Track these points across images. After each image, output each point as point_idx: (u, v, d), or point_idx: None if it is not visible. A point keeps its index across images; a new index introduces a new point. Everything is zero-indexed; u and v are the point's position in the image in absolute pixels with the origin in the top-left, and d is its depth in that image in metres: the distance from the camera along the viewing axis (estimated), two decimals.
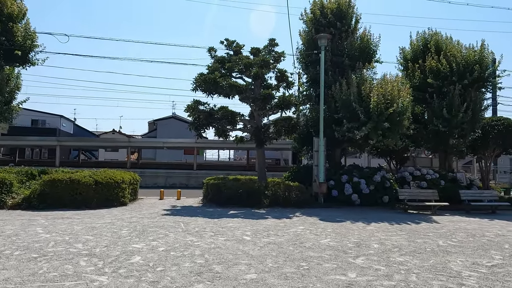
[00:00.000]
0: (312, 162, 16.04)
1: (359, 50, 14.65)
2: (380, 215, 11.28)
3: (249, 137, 14.68)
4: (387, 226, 9.05)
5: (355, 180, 13.06)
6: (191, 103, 13.18)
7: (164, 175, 23.50)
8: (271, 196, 12.36)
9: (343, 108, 12.91)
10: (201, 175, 23.94)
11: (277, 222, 9.33)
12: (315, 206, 12.74)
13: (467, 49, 15.18)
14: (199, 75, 13.11)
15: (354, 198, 12.89)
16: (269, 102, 12.87)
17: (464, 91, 14.79)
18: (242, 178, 15.50)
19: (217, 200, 12.40)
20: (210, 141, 28.06)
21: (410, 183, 14.09)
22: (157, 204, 13.06)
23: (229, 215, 10.31)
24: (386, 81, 12.65)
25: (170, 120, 51.46)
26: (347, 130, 12.50)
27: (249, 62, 13.16)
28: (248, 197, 12.18)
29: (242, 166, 30.33)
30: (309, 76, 15.02)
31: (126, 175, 13.17)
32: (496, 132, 15.87)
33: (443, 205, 12.28)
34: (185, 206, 12.42)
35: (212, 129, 14.37)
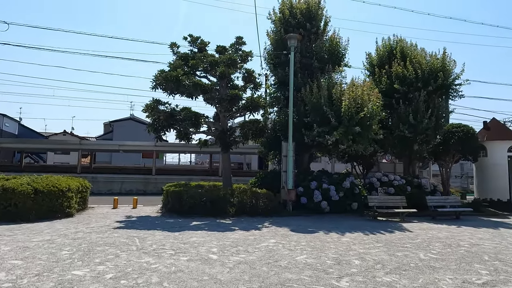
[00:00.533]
0: (279, 167, 15.42)
1: (328, 53, 14.30)
2: (351, 223, 10.83)
3: (214, 140, 13.72)
4: (362, 237, 8.53)
5: (325, 187, 12.58)
6: (150, 102, 11.97)
7: (120, 180, 21.75)
8: (237, 204, 11.50)
9: (313, 112, 12.40)
10: (161, 180, 22.47)
11: (246, 234, 8.47)
12: (283, 214, 12.06)
13: (430, 57, 15.41)
14: (159, 72, 11.96)
15: (323, 206, 12.38)
16: (236, 104, 12.03)
17: (428, 98, 14.96)
18: (206, 184, 14.50)
19: (178, 210, 11.30)
20: (171, 144, 26.60)
21: (378, 189, 13.90)
22: (109, 214, 11.67)
23: (191, 227, 9.28)
24: (356, 86, 12.33)
25: (128, 122, 48.89)
26: (317, 135, 11.99)
27: (215, 60, 12.24)
28: (212, 206, 11.22)
29: (205, 170, 29.16)
30: (277, 78, 14.40)
31: (73, 181, 11.65)
32: (457, 138, 16.27)
33: (411, 212, 12.13)
34: (142, 217, 11.18)
35: (173, 132, 13.24)
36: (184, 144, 25.94)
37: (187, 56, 12.78)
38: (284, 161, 13.01)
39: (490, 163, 16.84)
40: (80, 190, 11.99)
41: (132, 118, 50.71)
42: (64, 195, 10.44)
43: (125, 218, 10.86)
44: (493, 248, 7.72)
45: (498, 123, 17.54)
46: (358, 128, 11.29)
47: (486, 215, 14.50)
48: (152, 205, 14.88)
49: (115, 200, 13.87)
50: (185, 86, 12.17)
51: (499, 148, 16.68)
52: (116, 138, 42.43)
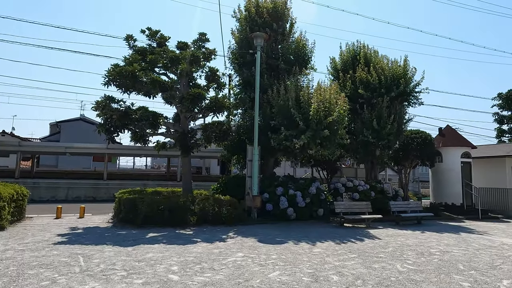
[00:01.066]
0: (243, 172, 14.72)
1: (295, 55, 13.93)
2: (319, 231, 10.39)
3: (173, 143, 12.68)
4: (334, 247, 8.06)
5: (291, 193, 12.07)
6: (101, 99, 10.68)
7: (65, 186, 19.70)
8: (198, 212, 10.59)
9: (280, 114, 11.88)
10: (113, 186, 20.74)
11: (210, 247, 7.63)
12: (248, 222, 11.35)
13: (392, 64, 15.65)
14: (113, 66, 10.75)
15: (289, 213, 11.86)
16: (199, 103, 11.14)
17: (390, 104, 15.12)
18: (163, 190, 13.42)
19: (132, 219, 10.14)
20: (125, 146, 24.81)
21: (343, 195, 13.70)
22: (50, 225, 10.20)
23: (147, 240, 8.24)
24: (324, 89, 12.02)
25: (78, 123, 45.59)
26: (284, 138, 11.46)
27: (176, 56, 11.27)
28: (171, 215, 10.22)
29: (162, 175, 27.60)
30: (242, 78, 13.74)
31: (6, 188, 10.04)
32: (416, 144, 16.66)
33: (377, 218, 11.99)
34: (89, 228, 9.87)
35: (128, 133, 12.02)
36: (139, 146, 24.27)
37: (145, 51, 11.68)
38: (249, 166, 12.33)
39: (444, 168, 17.45)
40: (14, 198, 10.38)
41: (82, 118, 47.38)
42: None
43: (69, 230, 9.50)
44: (463, 255, 7.61)
45: (452, 130, 18.29)
46: (327, 132, 10.94)
47: (444, 219, 14.89)
48: (102, 213, 13.46)
49: (58, 209, 12.30)
50: (142, 83, 11.07)
51: (453, 154, 17.35)
52: (64, 140, 39.25)
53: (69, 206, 16.06)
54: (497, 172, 17.73)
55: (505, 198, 17.36)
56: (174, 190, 13.67)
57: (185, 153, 12.15)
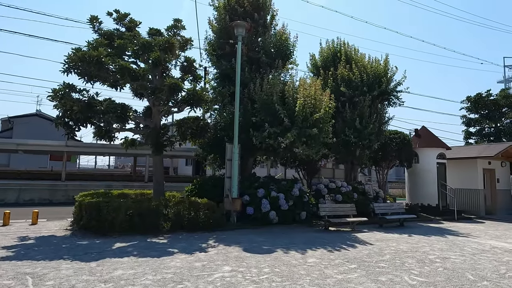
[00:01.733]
0: (220, 173, 13.69)
1: (277, 48, 13.12)
2: (305, 236, 9.63)
3: (143, 140, 11.40)
4: (329, 256, 7.29)
5: (273, 195, 11.22)
6: (59, 87, 9.19)
7: (16, 188, 17.57)
8: (173, 217, 9.45)
9: (263, 110, 11.00)
10: (72, 187, 18.88)
11: (190, 260, 6.58)
12: (228, 227, 10.36)
13: (374, 62, 15.30)
14: (74, 50, 9.32)
15: (272, 216, 11.00)
16: (175, 95, 9.97)
17: (372, 103, 14.74)
18: (131, 193, 12.11)
19: (95, 226, 8.79)
20: (86, 144, 22.87)
21: (325, 196, 13.07)
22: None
23: (114, 252, 7.02)
24: (310, 84, 11.30)
25: (33, 118, 42.19)
26: (268, 136, 10.59)
27: (148, 42, 10.04)
28: (141, 221, 9.00)
29: (127, 176, 25.83)
30: (220, 71, 12.71)
31: None
32: (395, 145, 16.46)
33: (362, 221, 11.45)
34: (44, 238, 8.43)
35: (90, 128, 10.61)
36: (102, 144, 22.46)
37: (112, 35, 10.32)
38: (228, 166, 11.34)
39: (421, 169, 17.42)
40: None
41: (38, 114, 44.00)
42: None
43: (17, 240, 8.02)
44: (463, 262, 7.13)
45: (428, 132, 18.34)
46: (315, 130, 10.21)
47: (422, 220, 14.72)
48: (59, 219, 11.89)
49: (5, 215, 10.62)
50: (108, 71, 9.74)
51: (429, 155, 17.36)
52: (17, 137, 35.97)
53: (20, 211, 14.21)
54: (469, 172, 17.99)
55: (476, 199, 17.64)
56: (143, 193, 12.38)
57: (157, 151, 10.93)
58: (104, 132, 10.81)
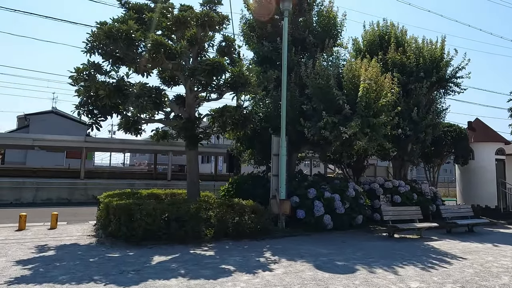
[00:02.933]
0: (259, 170, 12.12)
1: (324, 28, 11.44)
2: (374, 246, 7.99)
3: (176, 132, 9.89)
4: (429, 277, 5.62)
5: (327, 196, 9.58)
6: (84, 66, 7.72)
7: (33, 186, 16.36)
8: (216, 223, 7.91)
9: (317, 97, 9.36)
10: (91, 186, 17.61)
11: (257, 284, 5.00)
12: (277, 234, 8.77)
13: (431, 44, 13.46)
14: (99, 24, 7.84)
15: (327, 221, 9.37)
16: (218, 77, 8.39)
17: (428, 91, 12.94)
18: (161, 193, 10.64)
19: (126, 234, 7.31)
20: (106, 139, 21.63)
21: (380, 197, 11.37)
22: (9, 243, 7.24)
23: (156, 271, 5.50)
24: (373, 65, 9.60)
25: (49, 116, 41.50)
26: (323, 127, 8.94)
27: (183, 16, 8.50)
28: (180, 228, 7.48)
29: (148, 174, 24.53)
30: (261, 53, 11.09)
31: None
32: (450, 139, 14.62)
33: (433, 226, 9.72)
34: (66, 247, 7.00)
35: (116, 118, 9.16)
36: (121, 140, 21.11)
37: (142, 8, 8.80)
38: (275, 162, 9.74)
39: (476, 166, 15.50)
40: None
41: (54, 111, 43.35)
42: None
43: (35, 251, 6.61)
44: None
45: (483, 124, 16.40)
46: (383, 118, 8.53)
47: (487, 224, 12.87)
48: (80, 221, 10.55)
49: (21, 218, 9.27)
50: (137, 50, 8.24)
51: (486, 151, 15.44)
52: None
53: (37, 212, 12.94)
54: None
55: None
56: (173, 192, 10.90)
57: (192, 145, 9.40)
58: (131, 124, 9.35)
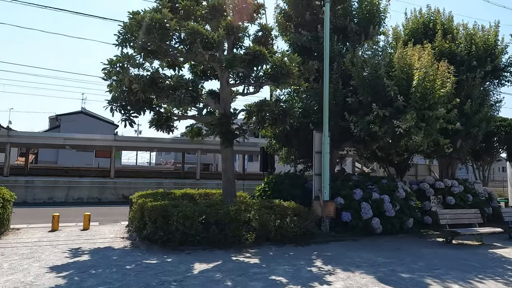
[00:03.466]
0: (296, 168, 11.40)
1: (366, 15, 10.55)
2: (436, 254, 7.09)
3: (210, 129, 9.31)
4: None
5: (375, 197, 8.74)
6: (117, 57, 7.26)
7: (65, 185, 16.37)
8: (257, 226, 7.27)
9: (364, 88, 8.52)
10: (121, 185, 17.46)
11: None
12: (322, 239, 8.03)
13: (482, 30, 12.25)
14: (132, 14, 7.37)
15: (375, 225, 8.53)
16: (259, 67, 7.74)
17: (481, 81, 11.75)
18: (193, 192, 10.12)
19: (162, 238, 6.78)
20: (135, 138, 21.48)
21: (431, 198, 10.38)
22: (42, 246, 6.91)
23: (201, 282, 4.91)
24: (428, 51, 8.67)
25: (79, 116, 42.47)
26: (372, 121, 8.10)
27: (219, 3, 7.90)
28: (220, 231, 6.89)
29: (176, 172, 24.32)
30: (297, 44, 10.34)
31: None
32: (504, 134, 13.33)
33: (497, 232, 8.67)
34: (100, 252, 6.57)
35: (149, 114, 8.68)
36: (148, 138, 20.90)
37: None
38: (317, 160, 8.98)
39: None
40: None
41: (83, 112, 44.34)
42: None
43: (68, 256, 6.20)
44: None
45: None
46: (442, 111, 7.61)
47: None
48: (112, 222, 10.23)
49: (54, 218, 9.00)
50: (172, 41, 7.71)
51: None
52: None
53: (70, 211, 12.81)
54: None
55: None
56: (207, 192, 10.37)
57: (227, 142, 8.80)
58: (164, 120, 8.87)
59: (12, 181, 15.42)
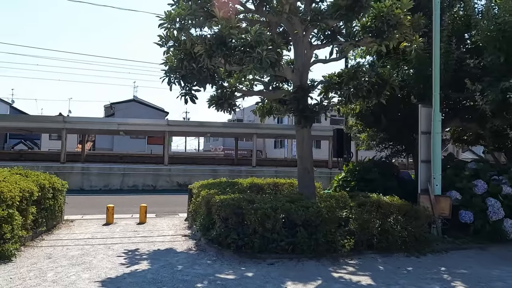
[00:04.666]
0: (381, 155, 9.43)
1: None
2: None
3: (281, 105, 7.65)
4: None
5: (507, 192, 6.56)
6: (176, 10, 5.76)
7: (120, 172, 15.82)
8: (356, 229, 5.53)
9: (496, 43, 6.27)
10: (176, 172, 16.57)
11: None
12: (438, 247, 6.07)
13: None
14: None
15: (508, 228, 6.39)
16: (359, 15, 5.80)
17: None
18: (261, 182, 8.56)
19: (236, 242, 5.29)
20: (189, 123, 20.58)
21: None
22: (94, 243, 5.80)
23: None
24: None
25: (131, 104, 43.41)
26: (509, 88, 5.89)
27: None
28: (310, 236, 5.26)
29: (229, 159, 23.24)
30: None
31: (24, 183, 5.72)
32: None
33: None
34: (159, 255, 5.27)
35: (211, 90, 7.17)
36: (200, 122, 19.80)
37: None
38: (424, 143, 6.96)
39: None
40: (40, 197, 6.11)
41: (135, 99, 45.26)
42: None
43: (124, 261, 4.97)
44: None
45: None
46: None
47: None
48: (169, 213, 9.11)
49: (108, 210, 8.00)
50: None
51: None
52: None
53: (125, 200, 12.03)
54: None
55: None
56: (276, 182, 8.75)
57: (306, 121, 7.05)
58: (226, 97, 7.34)
59: (69, 168, 15.14)
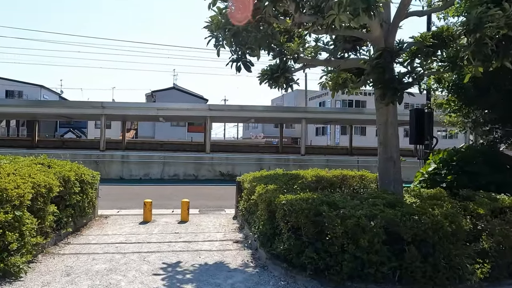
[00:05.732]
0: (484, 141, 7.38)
1: None
2: None
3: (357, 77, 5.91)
4: None
5: None
6: None
7: (160, 161, 14.86)
8: (494, 248, 3.74)
9: None
10: (218, 161, 15.34)
11: None
12: None
13: None
14: None
15: None
16: None
17: None
18: (327, 176, 6.89)
19: (315, 262, 3.74)
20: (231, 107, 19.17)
21: None
22: (126, 252, 4.54)
23: None
24: None
25: (171, 92, 43.51)
26: None
27: None
28: (425, 258, 3.56)
29: (272, 147, 21.74)
30: None
31: (40, 176, 4.56)
32: None
33: None
34: (208, 275, 3.85)
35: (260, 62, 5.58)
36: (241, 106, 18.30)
37: None
38: None
39: None
40: (64, 192, 4.98)
41: (175, 87, 45.25)
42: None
43: (161, 283, 3.60)
44: None
45: None
46: None
47: None
48: (213, 209, 7.84)
49: (146, 205, 6.82)
50: None
51: None
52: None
53: (165, 191, 10.99)
54: None
55: None
56: (344, 175, 7.04)
57: (392, 95, 5.26)
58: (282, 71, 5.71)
59: (108, 156, 14.42)
